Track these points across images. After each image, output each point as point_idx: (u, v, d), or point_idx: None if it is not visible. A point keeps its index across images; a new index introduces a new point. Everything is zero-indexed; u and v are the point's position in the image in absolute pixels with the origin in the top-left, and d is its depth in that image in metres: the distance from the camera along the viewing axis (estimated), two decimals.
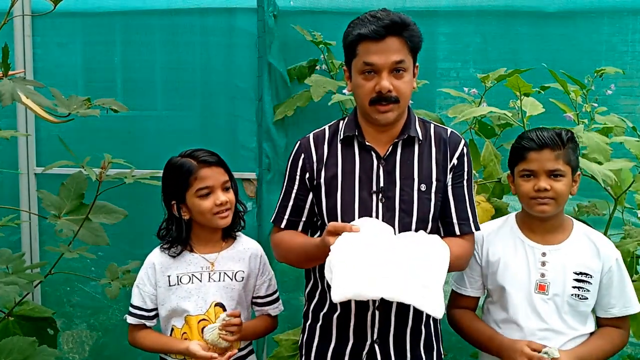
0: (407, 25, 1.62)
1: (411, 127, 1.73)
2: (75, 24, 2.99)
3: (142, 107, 3.01)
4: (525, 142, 1.77)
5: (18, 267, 2.12)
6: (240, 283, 1.92)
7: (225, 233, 1.95)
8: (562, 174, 1.74)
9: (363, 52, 1.62)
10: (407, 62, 1.63)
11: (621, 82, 2.73)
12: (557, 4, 2.76)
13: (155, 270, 1.91)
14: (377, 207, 1.68)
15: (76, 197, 2.15)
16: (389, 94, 1.62)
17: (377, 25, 1.58)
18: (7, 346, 1.84)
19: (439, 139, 1.75)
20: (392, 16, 1.60)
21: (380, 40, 1.59)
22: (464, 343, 1.98)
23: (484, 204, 2.18)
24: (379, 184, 1.69)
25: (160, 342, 1.90)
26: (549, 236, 1.81)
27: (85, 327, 3.13)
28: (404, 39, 1.61)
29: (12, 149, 2.97)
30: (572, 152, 1.76)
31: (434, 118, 2.70)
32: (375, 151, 1.71)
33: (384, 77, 1.61)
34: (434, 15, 2.85)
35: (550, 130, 1.76)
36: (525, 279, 1.79)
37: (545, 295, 1.77)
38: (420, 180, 1.70)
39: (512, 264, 1.82)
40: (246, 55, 2.89)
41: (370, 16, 1.62)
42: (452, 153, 1.74)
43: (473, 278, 1.92)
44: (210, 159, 1.85)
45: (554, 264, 1.78)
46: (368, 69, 1.62)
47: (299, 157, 1.78)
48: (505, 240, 1.86)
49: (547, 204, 1.75)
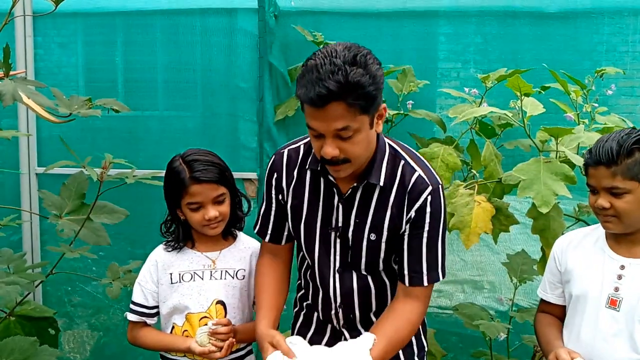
0: (351, 90, 1.39)
1: (373, 172, 1.60)
2: (76, 24, 3.00)
3: (143, 107, 3.02)
4: (586, 155, 1.64)
5: (19, 267, 2.12)
6: (241, 281, 1.92)
7: (224, 233, 1.95)
8: (624, 191, 1.56)
9: (307, 113, 1.47)
10: (354, 125, 1.44)
11: (621, 82, 2.73)
12: (557, 4, 2.75)
13: (157, 267, 1.91)
14: (335, 242, 1.69)
15: (77, 197, 2.16)
16: (335, 158, 1.49)
17: (315, 92, 1.38)
18: (8, 346, 1.84)
19: (401, 185, 1.61)
20: (333, 80, 1.37)
21: (320, 108, 1.41)
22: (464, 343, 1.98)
23: (484, 204, 2.18)
24: (337, 222, 1.67)
25: (162, 340, 1.90)
26: (635, 249, 1.64)
27: (87, 326, 3.13)
28: (348, 104, 1.40)
29: (13, 149, 2.98)
30: (639, 164, 1.56)
31: (434, 118, 2.70)
32: (337, 188, 1.65)
33: (328, 143, 1.46)
34: (434, 15, 2.85)
35: (616, 139, 1.58)
36: (597, 291, 1.65)
37: (616, 312, 1.61)
38: (372, 228, 1.64)
39: (586, 274, 1.69)
40: (247, 56, 2.89)
41: (316, 70, 1.40)
42: (410, 204, 1.61)
43: (553, 284, 1.81)
44: (202, 177, 1.79)
45: (631, 278, 1.61)
46: (314, 132, 1.49)
47: (272, 175, 1.75)
48: (588, 248, 1.73)
49: (609, 222, 1.62)
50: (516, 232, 2.68)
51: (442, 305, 2.95)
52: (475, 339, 2.69)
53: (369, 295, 1.74)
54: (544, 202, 2.01)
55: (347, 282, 1.72)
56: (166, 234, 1.95)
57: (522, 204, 2.51)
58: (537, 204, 2.02)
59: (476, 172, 2.44)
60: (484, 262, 2.98)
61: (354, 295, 1.73)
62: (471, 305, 2.61)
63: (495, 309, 2.82)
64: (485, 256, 2.97)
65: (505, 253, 2.65)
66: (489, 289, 2.97)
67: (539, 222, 2.14)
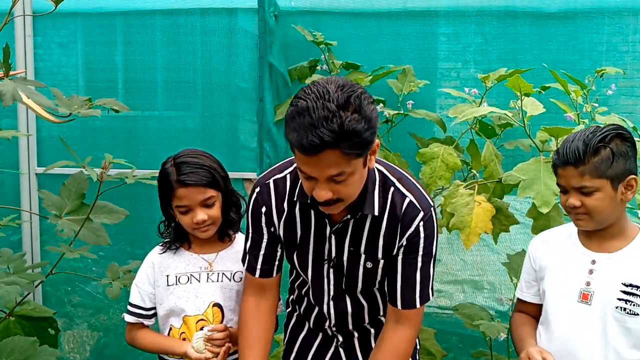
0: (346, 137, 1.31)
1: (366, 203, 1.56)
2: (76, 24, 3.00)
3: (143, 107, 3.02)
4: (554, 155, 1.67)
5: (19, 267, 2.12)
6: (238, 283, 1.91)
7: (221, 233, 1.94)
8: (593, 190, 1.58)
9: (297, 157, 1.41)
10: (349, 169, 1.39)
11: (622, 82, 2.73)
12: (557, 4, 2.75)
13: (154, 269, 1.91)
14: (329, 272, 1.70)
15: (77, 197, 2.16)
16: (328, 200, 1.44)
17: (307, 140, 1.30)
18: (8, 346, 1.84)
19: (392, 213, 1.58)
20: (327, 128, 1.29)
21: (312, 156, 1.34)
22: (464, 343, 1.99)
23: (484, 204, 2.18)
24: (331, 253, 1.66)
25: (159, 343, 1.90)
26: (605, 244, 1.67)
27: (86, 327, 3.13)
28: (343, 153, 1.34)
29: (13, 149, 2.98)
30: (607, 162, 1.57)
31: (434, 118, 2.70)
32: (329, 219, 1.62)
33: (321, 187, 1.41)
34: (434, 15, 2.85)
35: (582, 139, 1.59)
36: (569, 286, 1.68)
37: (588, 306, 1.64)
38: (367, 257, 1.64)
39: (559, 270, 1.72)
40: (247, 56, 2.89)
41: (307, 114, 1.32)
42: (402, 232, 1.58)
43: (529, 283, 1.83)
44: (188, 180, 1.76)
45: (602, 272, 1.64)
46: (305, 175, 1.44)
47: (260, 209, 1.67)
48: (561, 245, 1.76)
49: (581, 219, 1.64)
50: (516, 232, 2.68)
51: (442, 305, 2.95)
52: (475, 339, 2.69)
53: (362, 311, 1.78)
54: (544, 202, 2.02)
55: (341, 305, 1.75)
56: (163, 234, 1.95)
57: (522, 204, 2.51)
58: (537, 204, 2.02)
59: (476, 172, 2.44)
60: (484, 262, 2.98)
61: (347, 314, 1.77)
62: (471, 305, 2.61)
63: (495, 309, 2.82)
64: (485, 256, 2.97)
65: (505, 253, 2.65)
66: (489, 289, 2.97)
67: (539, 222, 2.14)
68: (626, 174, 1.60)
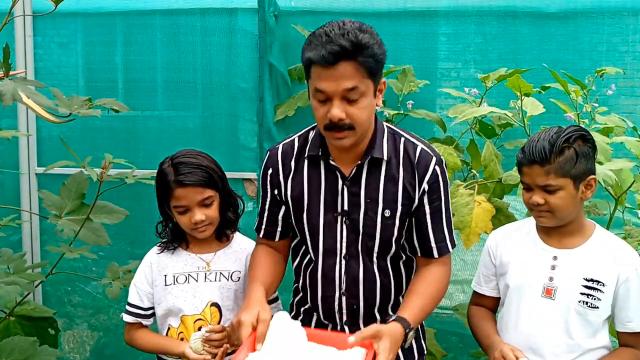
0: (361, 49, 1.47)
1: (376, 147, 1.65)
2: (76, 24, 3.00)
3: (143, 107, 3.02)
4: (519, 154, 1.72)
5: (19, 267, 2.12)
6: (236, 283, 1.91)
7: (219, 233, 1.94)
8: (557, 188, 1.65)
9: (315, 77, 1.52)
10: (362, 87, 1.51)
11: (621, 82, 2.73)
12: (557, 4, 2.75)
13: (152, 269, 1.91)
14: (342, 229, 1.69)
15: (77, 197, 2.16)
16: (342, 122, 1.53)
17: (327, 50, 1.45)
18: (8, 346, 1.84)
19: (407, 159, 1.67)
20: (345, 39, 1.45)
21: (330, 66, 1.47)
22: (464, 343, 1.99)
23: (484, 204, 2.18)
24: (343, 206, 1.67)
25: (157, 343, 1.90)
26: (565, 240, 1.74)
27: (86, 327, 3.13)
28: (358, 63, 1.48)
29: (13, 149, 2.98)
30: (571, 161, 1.64)
31: (434, 118, 2.70)
32: (340, 171, 1.66)
33: (335, 105, 1.51)
34: (434, 15, 2.85)
35: (547, 138, 1.66)
36: (533, 282, 1.74)
37: (552, 300, 1.71)
38: (385, 205, 1.66)
39: (521, 266, 1.77)
40: (247, 56, 2.89)
41: (325, 34, 1.48)
42: (421, 178, 1.66)
43: (488, 277, 1.88)
44: (186, 180, 1.78)
45: (564, 268, 1.71)
46: (321, 96, 1.53)
47: (267, 171, 1.77)
48: (521, 242, 1.82)
49: (544, 217, 1.71)
50: None
51: (442, 305, 2.94)
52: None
53: (374, 285, 1.73)
54: None
55: (353, 270, 1.72)
56: (161, 234, 1.95)
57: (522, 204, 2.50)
58: None
59: (476, 172, 2.45)
60: None
61: (359, 283, 1.72)
62: None
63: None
64: None
65: None
66: None
67: None
68: (587, 174, 1.68)
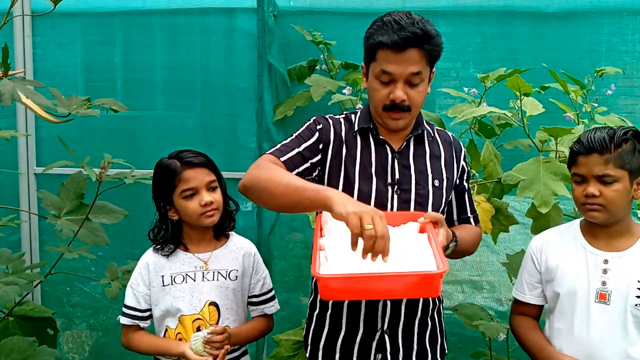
0: (429, 38, 1.60)
1: (420, 126, 1.78)
2: (75, 23, 2.99)
3: (142, 107, 3.01)
4: (575, 145, 1.70)
5: (18, 267, 2.12)
6: (234, 282, 1.91)
7: (216, 232, 1.94)
8: (614, 179, 1.63)
9: (382, 59, 1.62)
10: (423, 73, 1.64)
11: (621, 82, 2.73)
12: (556, 4, 2.75)
13: (149, 270, 1.91)
14: (393, 198, 1.70)
15: (76, 197, 2.16)
16: (402, 103, 1.64)
17: (399, 36, 1.57)
18: (7, 346, 1.84)
19: (445, 140, 1.82)
20: (415, 27, 1.58)
21: (400, 51, 1.59)
22: (464, 343, 1.98)
23: (484, 204, 2.18)
24: (394, 176, 1.72)
25: (155, 344, 1.89)
26: (614, 243, 1.71)
27: (85, 327, 3.13)
28: (424, 51, 1.61)
29: (12, 149, 2.98)
30: (629, 154, 1.64)
31: (434, 118, 2.70)
32: (389, 145, 1.74)
33: (399, 87, 1.63)
34: (434, 15, 2.84)
35: (605, 130, 1.66)
36: (584, 287, 1.70)
37: (607, 305, 1.66)
38: (434, 176, 1.75)
39: (570, 271, 1.73)
40: (246, 55, 2.89)
41: (395, 22, 1.60)
42: (458, 157, 1.83)
43: (532, 284, 1.84)
44: (194, 160, 1.85)
45: (617, 271, 1.67)
46: (385, 78, 1.63)
47: (317, 126, 1.75)
48: (567, 246, 1.78)
49: (596, 210, 1.66)
50: (516, 232, 2.68)
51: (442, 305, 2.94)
52: (475, 339, 2.68)
53: None
54: (544, 202, 2.02)
55: None
56: (155, 238, 1.94)
57: (521, 204, 2.51)
58: (537, 204, 2.02)
59: (475, 172, 2.44)
60: (483, 262, 2.98)
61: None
62: (470, 305, 2.61)
63: (495, 309, 2.82)
64: (485, 256, 2.97)
65: (504, 253, 2.65)
66: (489, 289, 2.97)
67: (538, 222, 2.14)
68: (639, 170, 1.66)
